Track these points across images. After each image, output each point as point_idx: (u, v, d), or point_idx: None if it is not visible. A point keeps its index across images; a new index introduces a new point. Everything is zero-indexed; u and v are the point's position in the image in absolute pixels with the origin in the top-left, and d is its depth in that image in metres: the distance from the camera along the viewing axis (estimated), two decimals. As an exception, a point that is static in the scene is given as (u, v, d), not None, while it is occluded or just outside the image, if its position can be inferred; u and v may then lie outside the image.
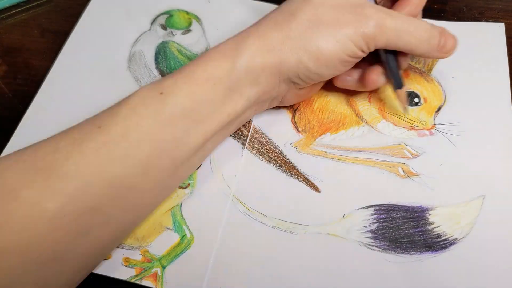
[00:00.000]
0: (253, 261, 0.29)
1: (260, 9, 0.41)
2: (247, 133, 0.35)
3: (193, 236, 0.30)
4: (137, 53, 0.39)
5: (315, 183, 0.32)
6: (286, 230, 0.30)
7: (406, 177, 0.32)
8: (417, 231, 0.30)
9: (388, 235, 0.30)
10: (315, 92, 0.34)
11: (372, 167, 0.32)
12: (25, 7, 0.45)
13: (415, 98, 0.35)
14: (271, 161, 0.33)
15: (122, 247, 0.30)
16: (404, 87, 0.32)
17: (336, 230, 0.30)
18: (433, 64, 0.37)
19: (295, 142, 0.34)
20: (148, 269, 0.29)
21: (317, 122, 0.35)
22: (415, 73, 0.36)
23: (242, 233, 0.30)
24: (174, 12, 0.41)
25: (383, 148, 0.33)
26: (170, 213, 0.31)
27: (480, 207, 0.30)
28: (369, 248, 0.29)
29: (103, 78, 0.38)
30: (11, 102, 0.39)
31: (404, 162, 0.32)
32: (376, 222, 0.30)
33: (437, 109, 0.35)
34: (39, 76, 0.40)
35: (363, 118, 0.35)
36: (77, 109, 0.36)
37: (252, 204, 0.31)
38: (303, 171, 0.32)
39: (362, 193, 0.31)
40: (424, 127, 0.34)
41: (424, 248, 0.29)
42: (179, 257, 0.30)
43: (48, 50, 0.42)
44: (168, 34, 0.40)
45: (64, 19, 0.44)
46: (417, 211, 0.30)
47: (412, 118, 0.34)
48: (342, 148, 0.33)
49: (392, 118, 0.34)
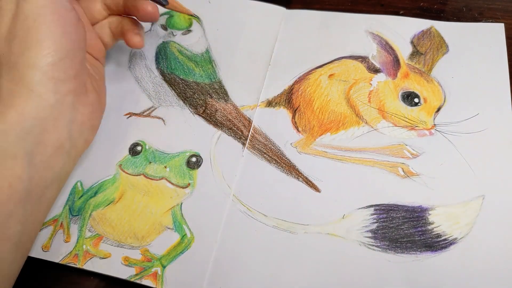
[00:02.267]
0: (253, 261, 0.29)
1: (260, 9, 0.41)
2: (247, 133, 0.35)
3: (193, 235, 0.30)
4: (138, 54, 0.39)
5: (315, 183, 0.32)
6: (286, 230, 0.30)
7: (406, 177, 0.32)
8: (417, 231, 0.30)
9: (388, 235, 0.30)
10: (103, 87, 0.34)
11: (372, 167, 0.32)
12: (25, 6, 0.45)
13: (415, 98, 0.35)
14: (271, 161, 0.33)
15: (122, 246, 0.30)
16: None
17: (336, 230, 0.30)
18: (433, 64, 0.37)
19: (295, 142, 0.34)
20: (148, 269, 0.29)
21: (317, 122, 0.35)
22: (415, 73, 0.36)
23: (242, 233, 0.30)
24: (175, 12, 0.41)
25: (383, 148, 0.33)
26: (170, 213, 0.31)
27: (480, 207, 0.30)
28: (369, 248, 0.29)
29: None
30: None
31: (404, 162, 0.32)
32: (376, 222, 0.30)
33: (437, 109, 0.35)
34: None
35: (363, 118, 0.35)
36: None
37: (252, 204, 0.31)
38: (303, 171, 0.32)
39: (362, 193, 0.31)
40: (424, 127, 0.34)
41: (424, 248, 0.29)
42: (179, 256, 0.30)
43: (47, 50, 0.42)
44: (168, 35, 0.40)
45: (64, 19, 0.44)
46: (417, 211, 0.30)
47: (412, 118, 0.34)
48: (342, 148, 0.33)
49: (392, 118, 0.34)
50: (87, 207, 0.32)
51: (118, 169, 0.33)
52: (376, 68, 0.37)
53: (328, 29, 0.40)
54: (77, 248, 0.30)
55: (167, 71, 0.38)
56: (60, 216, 0.32)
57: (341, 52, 0.38)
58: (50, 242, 0.31)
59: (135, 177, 0.33)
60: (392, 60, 0.37)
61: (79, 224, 0.31)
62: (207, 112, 0.36)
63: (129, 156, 0.34)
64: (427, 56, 0.37)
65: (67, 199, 0.32)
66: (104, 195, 0.32)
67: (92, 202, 0.32)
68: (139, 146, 0.34)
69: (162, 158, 0.34)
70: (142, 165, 0.33)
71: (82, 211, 0.32)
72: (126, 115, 0.36)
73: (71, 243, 0.31)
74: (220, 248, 0.30)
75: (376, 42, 0.38)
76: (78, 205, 0.32)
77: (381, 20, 0.40)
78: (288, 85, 0.37)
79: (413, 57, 0.37)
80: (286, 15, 0.41)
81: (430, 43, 0.38)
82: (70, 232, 0.31)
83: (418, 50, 0.38)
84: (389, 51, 0.38)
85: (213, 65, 0.38)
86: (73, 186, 0.33)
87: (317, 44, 0.39)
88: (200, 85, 0.37)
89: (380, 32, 0.39)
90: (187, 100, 0.36)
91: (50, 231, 0.31)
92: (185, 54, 0.39)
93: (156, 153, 0.34)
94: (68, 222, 0.32)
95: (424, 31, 0.39)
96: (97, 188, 0.33)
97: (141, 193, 0.32)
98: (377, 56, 0.38)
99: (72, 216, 0.32)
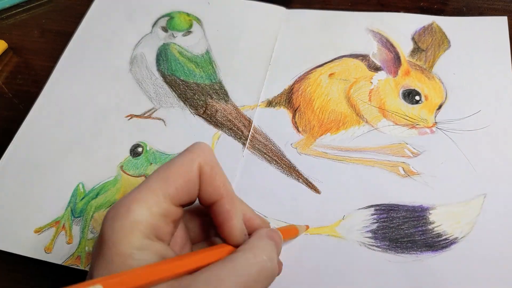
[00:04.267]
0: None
1: (260, 9, 0.41)
2: (247, 133, 0.35)
3: (194, 236, 0.30)
4: (139, 56, 0.39)
5: (315, 185, 0.32)
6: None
7: (406, 177, 0.32)
8: (418, 231, 0.29)
9: (388, 235, 0.30)
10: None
11: (372, 167, 0.32)
12: (25, 7, 0.45)
13: (416, 96, 0.35)
14: (271, 161, 0.33)
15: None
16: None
17: (336, 231, 0.30)
18: (435, 60, 0.37)
19: (296, 142, 0.34)
20: (149, 270, 0.29)
21: (317, 122, 0.35)
22: (416, 70, 0.36)
23: (242, 233, 0.30)
24: (175, 14, 0.41)
25: (384, 147, 0.33)
26: (170, 215, 0.31)
27: (481, 206, 0.30)
28: (369, 248, 0.29)
29: (105, 80, 0.38)
30: (11, 102, 0.39)
31: (405, 161, 0.32)
32: (376, 222, 0.30)
33: (438, 107, 0.34)
34: (39, 76, 0.40)
35: (363, 117, 0.34)
36: (79, 110, 0.37)
37: (252, 204, 0.31)
38: (303, 172, 0.32)
39: (362, 193, 0.31)
40: (425, 125, 0.34)
41: (425, 247, 0.29)
42: (180, 257, 0.30)
43: (48, 50, 0.42)
44: (169, 36, 0.40)
45: (64, 19, 0.44)
46: (418, 210, 0.30)
47: (413, 116, 0.34)
48: (343, 148, 0.33)
49: (392, 116, 0.34)
50: (89, 209, 0.32)
51: (120, 170, 0.34)
52: (377, 66, 0.37)
53: (328, 28, 0.40)
54: (80, 250, 0.31)
55: (167, 73, 0.38)
56: (62, 218, 0.32)
57: (341, 51, 0.38)
58: (52, 244, 0.31)
59: (136, 178, 0.33)
60: (393, 57, 0.37)
61: (81, 226, 0.32)
62: (208, 113, 0.36)
63: (130, 157, 0.34)
64: (428, 53, 0.37)
65: (69, 201, 0.32)
66: (106, 197, 0.33)
67: (94, 203, 0.32)
68: (140, 148, 0.34)
69: (162, 159, 0.34)
70: (143, 166, 0.34)
71: (84, 213, 0.32)
72: (127, 117, 0.36)
73: (73, 245, 0.31)
74: (221, 249, 0.30)
75: (377, 40, 0.38)
76: (80, 207, 0.32)
77: (382, 17, 0.39)
78: (288, 84, 0.37)
79: (414, 54, 0.37)
80: (286, 15, 0.41)
81: (432, 39, 0.38)
82: (73, 234, 0.31)
83: (419, 47, 0.37)
84: (390, 48, 0.38)
85: (213, 66, 0.38)
86: (75, 188, 0.33)
87: (317, 44, 0.39)
88: (200, 86, 0.37)
89: (381, 30, 0.39)
90: (187, 101, 0.37)
91: (52, 233, 0.31)
92: (186, 55, 0.39)
93: (157, 154, 0.34)
94: (70, 223, 0.32)
95: (425, 27, 0.38)
96: (98, 190, 0.33)
97: (142, 195, 0.32)
98: (377, 54, 0.37)
99: (74, 217, 0.32)
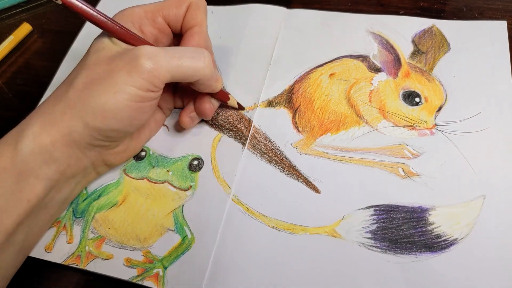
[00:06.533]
0: (253, 261, 0.30)
1: (260, 9, 0.41)
2: (247, 133, 0.35)
3: (193, 236, 0.31)
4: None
5: (315, 184, 0.32)
6: (285, 230, 0.30)
7: (406, 177, 0.32)
8: (417, 232, 0.30)
9: (388, 235, 0.30)
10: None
11: (372, 168, 0.32)
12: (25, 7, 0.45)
13: (415, 98, 0.35)
14: (271, 161, 0.33)
15: (124, 248, 0.30)
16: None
17: (336, 231, 0.30)
18: (435, 63, 0.37)
19: (296, 142, 0.34)
20: (149, 270, 0.30)
21: (317, 122, 0.35)
22: (416, 72, 0.36)
23: (242, 233, 0.30)
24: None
25: (384, 148, 0.33)
26: (172, 215, 0.31)
27: (481, 207, 0.30)
28: (369, 249, 0.29)
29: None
30: (11, 102, 0.39)
31: (405, 162, 0.32)
32: (376, 222, 0.30)
33: (438, 109, 0.34)
34: (39, 76, 0.40)
35: (363, 118, 0.35)
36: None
37: (252, 204, 0.32)
38: (303, 171, 0.33)
39: (362, 194, 0.31)
40: (424, 127, 0.34)
41: (424, 248, 0.29)
42: (180, 257, 0.30)
43: (48, 50, 0.42)
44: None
45: (64, 19, 0.44)
46: (417, 211, 0.30)
47: (412, 117, 0.34)
48: (343, 148, 0.33)
49: (392, 117, 0.34)
50: (91, 210, 0.32)
51: (122, 173, 0.34)
52: (377, 67, 0.37)
53: (329, 29, 0.40)
54: (80, 249, 0.31)
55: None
56: (63, 218, 0.32)
57: (341, 51, 0.38)
58: (53, 243, 0.31)
59: (138, 181, 0.33)
60: (393, 59, 0.37)
61: (82, 226, 0.32)
62: (208, 115, 0.36)
63: (134, 161, 0.34)
64: (428, 55, 0.37)
65: (71, 201, 0.32)
66: (108, 198, 0.33)
67: (95, 204, 0.32)
68: (143, 152, 0.35)
69: (165, 163, 0.34)
70: (146, 170, 0.34)
71: (86, 213, 0.32)
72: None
73: (73, 244, 0.31)
74: (220, 248, 0.30)
75: (377, 42, 0.38)
76: (81, 208, 0.32)
77: (382, 19, 0.40)
78: (288, 85, 0.37)
79: (414, 56, 0.37)
80: (286, 15, 0.41)
81: (432, 41, 0.38)
82: (73, 234, 0.31)
83: (420, 49, 0.38)
84: (390, 50, 0.38)
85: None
86: (75, 188, 0.33)
87: (318, 44, 0.39)
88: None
89: (381, 32, 0.39)
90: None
91: (53, 232, 0.32)
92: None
93: (159, 158, 0.34)
94: (71, 223, 0.32)
95: (425, 30, 0.38)
96: (101, 191, 0.33)
97: (144, 196, 0.32)
98: (378, 55, 0.38)
99: (75, 218, 0.32)
